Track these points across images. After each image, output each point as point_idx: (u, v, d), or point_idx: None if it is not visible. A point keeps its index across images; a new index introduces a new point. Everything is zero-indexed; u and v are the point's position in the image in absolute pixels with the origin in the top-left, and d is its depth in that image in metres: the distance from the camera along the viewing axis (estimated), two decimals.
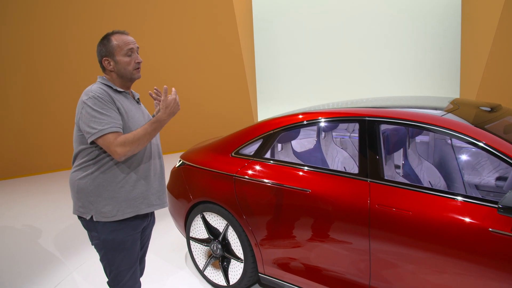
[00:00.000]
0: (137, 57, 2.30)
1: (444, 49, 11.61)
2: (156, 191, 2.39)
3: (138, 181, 2.28)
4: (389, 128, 2.93)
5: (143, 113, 2.41)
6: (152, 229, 2.60)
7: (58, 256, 4.23)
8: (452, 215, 2.26)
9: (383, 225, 2.46)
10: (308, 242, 2.81)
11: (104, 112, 2.13)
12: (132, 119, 2.25)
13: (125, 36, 2.28)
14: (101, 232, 2.23)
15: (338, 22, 12.13)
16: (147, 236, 2.54)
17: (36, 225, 5.17)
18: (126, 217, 2.24)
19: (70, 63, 7.67)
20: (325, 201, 2.69)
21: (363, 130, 2.72)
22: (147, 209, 2.33)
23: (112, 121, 2.13)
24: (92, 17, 7.73)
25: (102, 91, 2.18)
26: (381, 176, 2.57)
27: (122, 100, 2.26)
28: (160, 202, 2.42)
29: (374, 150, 2.64)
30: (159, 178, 2.42)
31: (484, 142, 2.30)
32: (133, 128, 2.23)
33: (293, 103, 11.99)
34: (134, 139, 2.13)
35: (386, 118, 2.66)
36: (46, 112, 7.67)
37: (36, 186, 7.07)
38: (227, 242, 3.30)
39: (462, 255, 2.20)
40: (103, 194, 2.20)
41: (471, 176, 3.77)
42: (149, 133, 2.17)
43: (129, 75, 2.29)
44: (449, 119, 2.51)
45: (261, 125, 3.30)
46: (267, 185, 2.98)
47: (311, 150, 3.99)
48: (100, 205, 2.20)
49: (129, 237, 2.29)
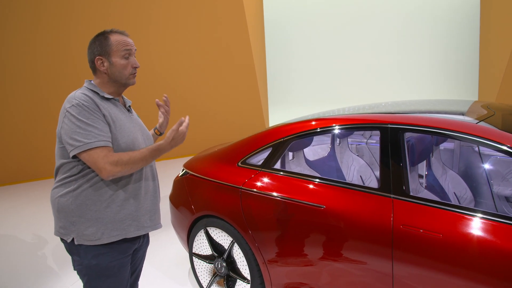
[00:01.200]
0: (135, 62, 2.06)
1: (461, 49, 11.22)
2: (148, 211, 2.10)
3: (127, 201, 1.99)
4: (413, 136, 2.61)
5: (135, 122, 2.13)
6: (146, 250, 2.30)
7: (56, 269, 3.98)
8: (491, 239, 1.94)
9: (408, 249, 2.15)
10: (322, 264, 2.50)
11: (90, 123, 1.85)
12: (121, 129, 1.98)
13: (124, 37, 2.04)
14: (84, 256, 1.95)
15: (350, 25, 11.82)
16: (139, 259, 2.24)
17: (37, 233, 4.94)
18: (112, 240, 1.96)
19: (73, 68, 7.46)
20: (341, 219, 2.39)
21: (385, 138, 2.41)
22: (136, 232, 2.04)
23: (99, 133, 1.86)
24: (96, 22, 7.51)
25: (87, 98, 1.90)
26: (406, 192, 2.26)
27: (110, 108, 1.99)
28: (152, 223, 2.13)
29: (397, 162, 2.33)
30: (152, 197, 2.13)
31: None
32: (122, 139, 1.96)
33: (305, 107, 11.70)
34: (129, 162, 1.88)
35: (412, 125, 2.35)
36: (48, 117, 7.46)
37: (38, 192, 6.86)
38: (233, 260, 3.01)
39: (501, 285, 1.88)
40: (86, 214, 1.92)
41: (501, 187, 3.42)
42: (147, 160, 1.94)
43: (124, 80, 2.04)
44: (487, 127, 2.18)
45: (270, 132, 3.00)
46: (276, 199, 2.68)
47: (325, 158, 3.68)
48: (82, 227, 1.92)
49: (116, 262, 1.99)
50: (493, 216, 2.00)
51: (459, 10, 11.28)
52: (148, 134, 2.21)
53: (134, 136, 2.02)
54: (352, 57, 11.93)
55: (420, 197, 2.25)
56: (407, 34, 11.68)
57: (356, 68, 11.94)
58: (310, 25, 11.94)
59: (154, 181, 2.17)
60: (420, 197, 2.24)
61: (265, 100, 10.01)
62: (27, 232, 5.04)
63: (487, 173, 3.31)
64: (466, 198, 3.02)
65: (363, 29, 11.78)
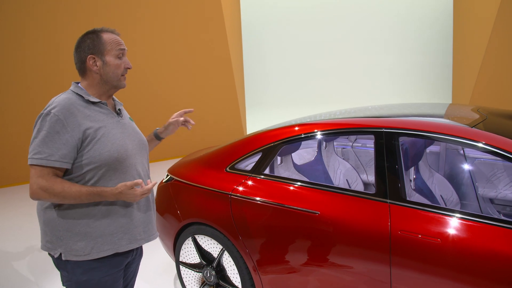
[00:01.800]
0: (128, 62, 1.96)
1: (436, 53, 11.44)
2: (141, 222, 1.98)
3: (117, 213, 1.88)
4: (405, 140, 2.60)
5: (124, 127, 1.98)
6: (140, 262, 2.19)
7: (40, 284, 3.80)
8: (490, 244, 1.93)
9: (406, 255, 2.12)
10: (316, 272, 2.45)
11: (48, 140, 1.72)
12: (105, 138, 1.83)
13: (116, 36, 1.94)
14: (72, 272, 1.83)
15: (326, 26, 11.91)
16: (132, 273, 2.12)
17: (20, 242, 4.72)
18: (102, 255, 1.84)
19: (62, 70, 7.24)
20: (336, 225, 2.34)
21: (379, 143, 2.38)
22: (129, 245, 1.92)
23: (50, 152, 1.71)
24: (82, 23, 7.29)
25: (68, 107, 1.77)
26: (403, 196, 2.23)
27: (95, 114, 1.86)
28: (146, 235, 2.01)
29: (393, 167, 2.30)
30: (145, 208, 2.02)
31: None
32: (104, 149, 1.81)
33: (280, 108, 11.72)
34: (59, 195, 1.72)
35: (407, 130, 2.33)
36: (31, 119, 7.20)
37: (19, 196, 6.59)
38: (222, 269, 2.93)
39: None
40: (74, 228, 1.80)
41: (486, 189, 3.46)
42: (81, 200, 1.76)
43: (116, 81, 1.92)
44: (486, 132, 2.18)
45: (260, 136, 2.93)
46: (269, 205, 2.61)
47: (312, 162, 3.64)
48: (70, 242, 1.80)
49: (109, 277, 1.88)
50: (493, 221, 1.99)
51: (432, 13, 11.50)
52: (141, 139, 2.07)
53: (120, 143, 1.88)
54: (329, 58, 12.02)
55: (418, 202, 2.23)
56: (381, 37, 11.85)
57: (332, 70, 12.04)
58: (286, 26, 11.98)
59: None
60: (417, 202, 2.21)
61: (242, 101, 9.96)
62: (8, 242, 4.81)
63: (472, 175, 3.33)
64: (453, 201, 3.03)
65: (339, 31, 11.88)
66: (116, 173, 1.85)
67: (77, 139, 1.76)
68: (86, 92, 1.89)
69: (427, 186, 3.03)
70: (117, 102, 2.05)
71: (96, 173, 1.81)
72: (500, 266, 1.89)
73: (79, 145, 1.77)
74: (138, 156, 1.99)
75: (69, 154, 1.75)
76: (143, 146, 2.06)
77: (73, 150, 1.76)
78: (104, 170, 1.82)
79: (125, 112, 2.11)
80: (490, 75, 8.41)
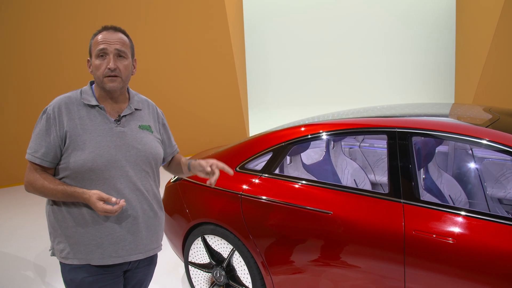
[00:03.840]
0: (110, 61, 1.77)
1: (438, 53, 11.44)
2: (120, 240, 1.81)
3: (94, 224, 1.78)
4: (418, 140, 2.59)
5: (119, 135, 1.82)
6: (150, 272, 2.06)
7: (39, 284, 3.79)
8: (507, 244, 1.92)
9: (421, 255, 2.11)
10: (329, 272, 2.44)
11: (39, 135, 1.77)
12: (86, 144, 1.75)
13: (108, 33, 1.80)
14: (62, 270, 1.85)
15: (329, 26, 11.90)
16: (139, 283, 2.02)
17: (21, 241, 4.71)
18: (76, 263, 1.79)
19: (63, 70, 7.24)
20: (350, 225, 2.33)
21: (392, 143, 2.37)
22: (100, 260, 1.79)
23: (37, 148, 1.76)
24: (84, 23, 7.28)
25: (60, 106, 1.77)
26: (417, 196, 2.23)
27: (87, 118, 1.79)
28: (126, 254, 1.83)
29: (407, 166, 2.30)
30: (132, 226, 1.84)
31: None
32: (82, 156, 1.73)
33: (283, 108, 11.71)
34: (40, 190, 1.75)
35: (421, 129, 2.32)
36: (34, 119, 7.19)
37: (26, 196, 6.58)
38: (232, 269, 2.92)
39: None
40: (57, 228, 1.82)
41: (495, 190, 3.46)
42: (58, 198, 1.75)
43: (100, 83, 1.81)
44: (501, 132, 2.17)
45: (270, 136, 2.92)
46: (280, 205, 2.60)
47: (320, 162, 3.63)
48: (55, 241, 1.84)
49: (92, 277, 1.79)
50: (508, 220, 1.98)
51: (435, 12, 11.50)
52: (142, 151, 1.87)
53: (99, 153, 1.75)
54: (330, 58, 12.01)
55: (431, 201, 2.22)
56: (387, 37, 11.84)
57: (334, 69, 12.04)
58: (288, 27, 11.98)
59: (142, 204, 1.87)
60: (431, 202, 2.21)
61: (245, 101, 9.96)
62: (11, 241, 4.80)
63: (481, 175, 3.33)
64: (461, 201, 3.03)
65: (342, 31, 11.88)
66: (92, 183, 1.75)
67: (59, 140, 1.75)
68: (91, 93, 1.85)
69: (436, 186, 3.02)
70: (128, 108, 1.90)
71: (73, 180, 1.76)
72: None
73: (62, 147, 1.76)
74: (128, 169, 1.81)
75: (50, 154, 1.75)
76: (142, 159, 1.88)
77: (54, 150, 1.75)
78: (79, 178, 1.75)
79: (140, 117, 1.94)
80: (493, 74, 8.39)
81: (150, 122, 1.98)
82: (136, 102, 1.95)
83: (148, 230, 1.90)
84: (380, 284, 2.26)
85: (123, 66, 1.82)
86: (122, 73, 1.82)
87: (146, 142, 1.90)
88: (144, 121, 1.95)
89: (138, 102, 1.97)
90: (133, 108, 1.92)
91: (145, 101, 2.05)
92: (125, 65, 1.83)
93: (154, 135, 1.97)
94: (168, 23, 8.29)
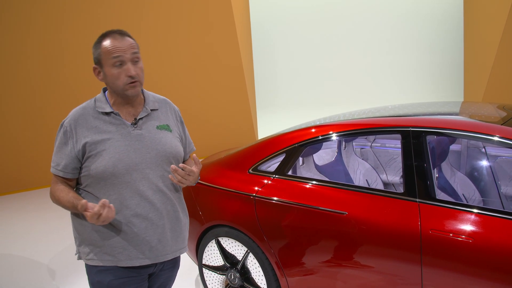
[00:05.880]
0: (129, 69, 1.77)
1: (447, 51, 11.38)
2: (146, 241, 1.83)
3: (118, 227, 1.81)
4: (432, 139, 2.58)
5: (137, 138, 1.84)
6: (173, 274, 2.10)
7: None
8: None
9: (438, 254, 2.10)
10: (345, 273, 2.43)
11: (58, 149, 1.85)
12: (106, 151, 1.77)
13: (117, 40, 1.77)
14: (89, 272, 1.88)
15: (337, 26, 11.89)
16: (163, 285, 2.05)
17: (35, 247, 4.76)
18: (103, 264, 1.83)
19: (67, 74, 7.27)
20: (365, 226, 2.33)
21: (407, 142, 2.37)
22: (128, 261, 1.82)
23: (58, 161, 1.83)
24: (87, 27, 7.32)
25: (77, 118, 1.82)
26: (432, 195, 2.22)
27: (104, 126, 1.81)
28: (153, 255, 1.85)
29: (422, 165, 2.29)
30: (156, 226, 1.86)
31: None
32: (102, 162, 1.76)
33: (291, 110, 11.70)
34: (56, 201, 1.85)
35: (435, 128, 2.31)
36: (42, 125, 7.23)
37: (35, 201, 6.62)
38: (247, 271, 2.92)
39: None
40: (82, 232, 1.86)
41: (509, 188, 3.43)
42: (70, 209, 1.82)
43: (120, 91, 1.81)
44: None
45: (283, 137, 2.93)
46: (294, 206, 2.60)
47: (332, 163, 3.63)
48: (82, 244, 1.88)
49: (118, 280, 1.82)
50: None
51: (443, 11, 11.44)
52: (162, 151, 1.89)
53: (119, 157, 1.77)
54: (339, 59, 12.00)
55: (447, 200, 2.21)
56: (394, 36, 11.80)
57: (342, 70, 12.01)
58: (295, 28, 11.98)
59: (165, 205, 1.89)
60: (446, 201, 2.20)
61: (253, 103, 9.97)
62: (24, 246, 4.85)
63: (494, 174, 3.31)
64: (475, 200, 3.01)
65: (350, 31, 11.86)
66: (114, 188, 1.79)
67: (77, 151, 1.79)
68: (105, 100, 1.86)
69: (450, 185, 3.01)
70: (148, 107, 1.91)
71: (95, 187, 1.81)
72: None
73: (81, 158, 1.81)
74: (149, 171, 1.83)
75: (70, 165, 1.81)
76: (163, 159, 1.89)
77: (73, 161, 1.81)
78: (101, 184, 1.79)
79: (157, 117, 1.94)
80: (503, 72, 8.31)
81: (168, 121, 1.98)
82: (151, 102, 1.96)
83: (173, 231, 1.92)
84: (397, 284, 2.25)
85: (140, 70, 1.83)
86: (140, 77, 1.84)
87: (166, 142, 1.91)
88: (161, 121, 1.95)
89: (153, 102, 1.97)
90: (149, 109, 1.92)
91: (162, 100, 2.05)
92: (141, 68, 1.85)
93: (173, 134, 1.97)
94: (174, 26, 8.31)
